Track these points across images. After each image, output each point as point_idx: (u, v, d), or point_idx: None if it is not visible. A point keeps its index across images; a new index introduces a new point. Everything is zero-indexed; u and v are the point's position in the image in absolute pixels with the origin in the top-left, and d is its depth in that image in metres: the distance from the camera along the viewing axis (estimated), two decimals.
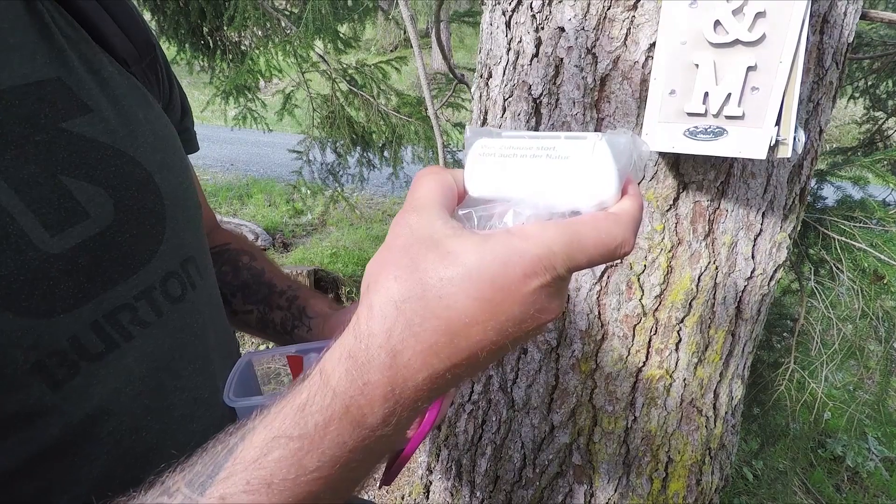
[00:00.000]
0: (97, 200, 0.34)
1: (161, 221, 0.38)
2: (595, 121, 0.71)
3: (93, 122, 0.35)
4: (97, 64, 0.38)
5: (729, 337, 0.81)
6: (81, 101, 0.35)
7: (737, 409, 0.94)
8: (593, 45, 0.68)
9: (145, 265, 0.36)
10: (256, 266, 0.57)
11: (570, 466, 0.90)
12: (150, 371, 0.36)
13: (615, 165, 0.25)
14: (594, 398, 0.85)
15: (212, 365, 0.41)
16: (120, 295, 0.34)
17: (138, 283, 0.36)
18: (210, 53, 3.02)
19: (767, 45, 0.49)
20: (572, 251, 0.23)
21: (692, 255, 0.74)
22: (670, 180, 0.70)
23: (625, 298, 0.77)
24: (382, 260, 0.24)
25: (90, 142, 0.34)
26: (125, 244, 0.35)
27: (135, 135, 0.38)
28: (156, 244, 0.37)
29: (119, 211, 0.35)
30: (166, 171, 0.40)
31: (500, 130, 0.31)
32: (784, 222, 0.76)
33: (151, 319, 0.36)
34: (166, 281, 0.38)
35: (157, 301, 0.37)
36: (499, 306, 0.23)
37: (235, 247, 0.60)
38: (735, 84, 0.51)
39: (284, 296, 0.54)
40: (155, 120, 0.41)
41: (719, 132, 0.54)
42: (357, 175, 3.03)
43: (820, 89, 0.70)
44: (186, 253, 0.40)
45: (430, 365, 0.23)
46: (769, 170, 0.71)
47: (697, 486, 0.91)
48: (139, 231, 0.36)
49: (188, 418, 0.38)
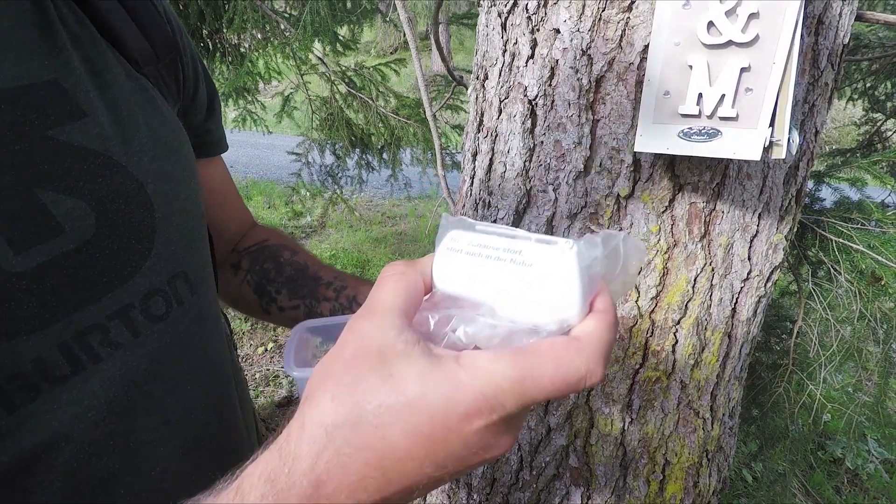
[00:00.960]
0: (76, 214, 0.32)
1: (149, 236, 0.36)
2: (590, 122, 0.71)
3: (85, 128, 0.34)
4: (101, 65, 0.36)
5: (726, 339, 0.81)
6: (76, 105, 0.34)
7: (734, 412, 0.94)
8: (588, 47, 0.68)
9: (125, 282, 0.35)
10: (299, 260, 0.56)
11: (567, 469, 0.90)
12: (117, 395, 0.34)
13: (580, 280, 0.23)
14: (591, 400, 0.85)
15: (188, 385, 0.39)
16: (93, 314, 0.33)
17: (114, 302, 0.34)
18: (209, 56, 3.02)
19: (761, 47, 0.49)
20: (525, 388, 0.21)
21: (688, 256, 0.74)
22: (666, 182, 0.70)
23: (621, 300, 0.77)
24: (326, 371, 0.23)
25: (78, 150, 0.33)
26: (104, 260, 0.33)
27: (130, 142, 0.36)
28: (140, 260, 0.36)
29: (101, 225, 0.33)
30: (162, 181, 0.38)
31: (475, 222, 0.29)
32: (780, 223, 0.76)
33: (125, 340, 0.34)
34: (149, 299, 0.36)
35: (135, 321, 0.35)
36: (438, 444, 0.21)
37: (274, 242, 0.58)
38: (729, 85, 0.51)
39: (332, 287, 0.53)
40: (159, 126, 0.40)
41: (714, 133, 0.54)
42: (356, 177, 3.03)
43: (815, 91, 0.70)
44: (177, 269, 0.39)
45: (357, 498, 0.21)
46: (765, 171, 0.71)
47: (695, 489, 0.91)
48: (122, 246, 0.35)
49: (155, 443, 0.37)
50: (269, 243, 0.59)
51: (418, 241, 3.93)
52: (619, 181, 0.72)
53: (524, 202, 0.80)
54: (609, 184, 0.72)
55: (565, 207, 0.76)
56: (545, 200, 0.78)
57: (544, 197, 0.78)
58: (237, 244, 0.60)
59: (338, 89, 2.66)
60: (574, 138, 0.72)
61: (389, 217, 4.49)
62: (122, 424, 0.34)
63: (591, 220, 0.75)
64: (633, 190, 0.71)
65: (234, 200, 0.63)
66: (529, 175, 0.78)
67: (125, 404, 0.35)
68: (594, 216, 0.75)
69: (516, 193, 0.80)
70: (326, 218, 4.10)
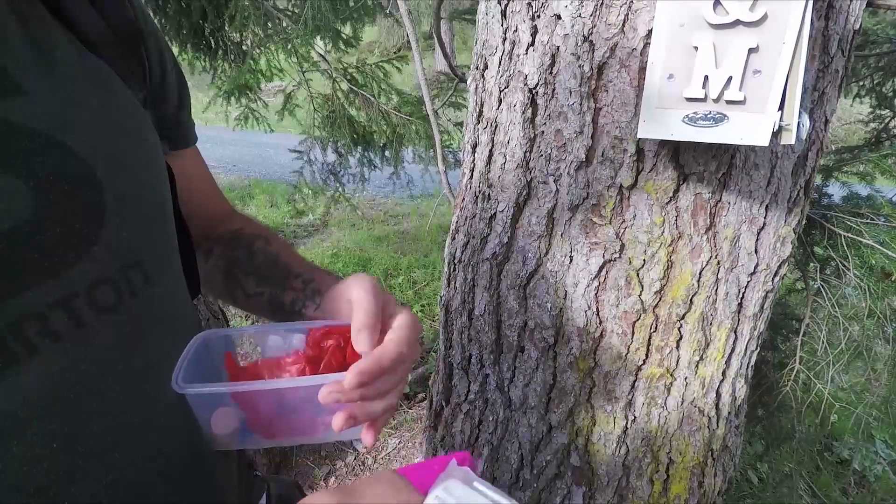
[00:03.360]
0: (10, 194, 0.30)
1: (98, 220, 0.34)
2: (592, 111, 0.69)
3: (24, 106, 0.32)
4: (48, 43, 0.35)
5: (731, 334, 0.79)
6: (15, 83, 0.32)
7: (740, 410, 0.91)
8: (590, 33, 0.66)
9: (69, 269, 0.32)
10: (271, 250, 0.55)
11: (569, 468, 0.88)
12: (56, 392, 0.31)
13: None
14: (593, 397, 0.83)
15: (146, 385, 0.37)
16: (30, 302, 0.30)
17: (55, 290, 0.32)
18: (212, 54, 3.02)
19: (769, 26, 0.47)
20: None
21: (693, 249, 0.72)
22: (670, 171, 0.68)
23: (623, 294, 0.75)
24: None
25: (15, 128, 0.31)
26: (44, 244, 0.31)
27: (77, 122, 0.34)
28: (87, 245, 0.33)
29: (42, 207, 0.31)
30: (115, 163, 0.36)
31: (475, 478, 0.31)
32: (788, 216, 0.74)
33: (66, 331, 0.32)
34: (95, 287, 0.34)
35: (79, 310, 0.33)
36: None
37: (249, 231, 0.57)
38: (736, 67, 0.49)
39: (300, 278, 0.51)
40: (114, 108, 0.38)
41: (720, 118, 0.52)
42: (358, 175, 3.02)
43: (826, 78, 0.68)
44: (130, 257, 0.36)
45: None
46: (772, 161, 0.69)
47: (700, 489, 0.89)
48: (65, 230, 0.32)
49: (109, 448, 0.34)
50: (244, 232, 0.57)
51: (420, 240, 3.91)
52: (621, 171, 0.70)
53: (524, 194, 0.78)
54: (612, 174, 0.70)
55: (566, 199, 0.74)
56: (546, 192, 0.76)
57: (545, 188, 0.76)
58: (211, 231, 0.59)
59: (340, 86, 2.64)
60: (575, 127, 0.70)
61: (392, 216, 4.47)
62: (67, 426, 0.32)
63: (592, 211, 0.73)
64: (637, 180, 0.69)
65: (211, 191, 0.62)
66: (530, 166, 0.76)
67: (68, 403, 0.32)
68: (596, 208, 0.73)
69: (516, 185, 0.78)
70: (329, 217, 4.09)
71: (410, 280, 3.35)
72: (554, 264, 0.78)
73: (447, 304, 0.98)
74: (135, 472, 0.36)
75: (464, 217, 0.91)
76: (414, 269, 3.46)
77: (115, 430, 0.34)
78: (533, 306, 0.82)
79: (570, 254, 0.76)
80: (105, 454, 0.34)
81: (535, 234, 0.78)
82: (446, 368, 1.02)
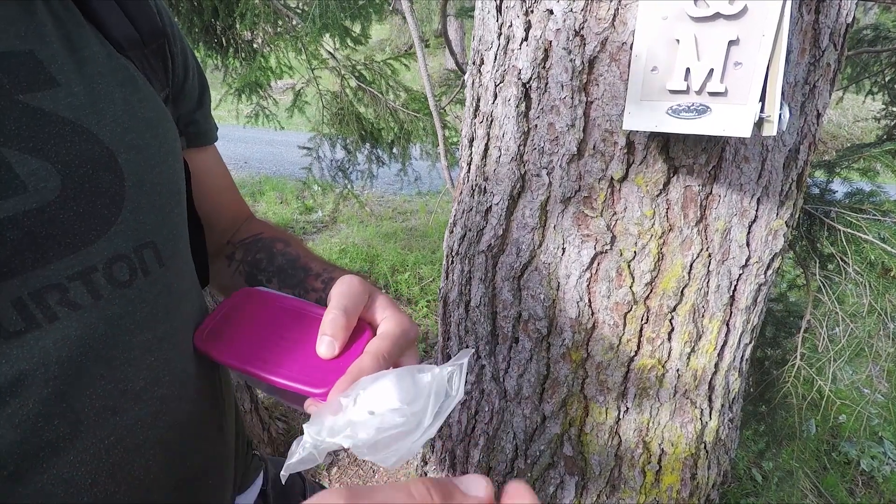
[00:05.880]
0: (40, 175, 0.33)
1: (117, 203, 0.37)
2: (584, 104, 0.70)
3: (57, 96, 0.35)
4: (81, 43, 0.38)
5: (724, 327, 0.80)
6: (50, 76, 0.35)
7: (735, 403, 0.92)
8: (581, 27, 0.67)
9: (89, 245, 0.35)
10: (291, 251, 0.57)
11: (562, 458, 0.89)
12: (71, 356, 0.34)
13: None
14: (585, 388, 0.84)
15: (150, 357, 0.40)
16: (52, 273, 0.33)
17: (76, 263, 0.35)
18: (223, 52, 3.06)
19: (749, 18, 0.48)
20: None
21: (683, 241, 0.73)
22: (660, 164, 0.69)
23: (615, 286, 0.76)
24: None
25: (48, 116, 0.34)
26: (68, 222, 0.34)
27: (103, 113, 0.37)
28: (106, 225, 0.36)
29: (67, 188, 0.34)
30: (135, 152, 0.39)
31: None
32: (780, 209, 0.74)
33: (84, 302, 0.35)
34: (112, 264, 0.37)
35: (97, 283, 0.36)
36: None
37: (269, 235, 0.60)
38: (717, 59, 0.50)
39: (320, 278, 0.53)
40: (137, 102, 0.41)
41: (703, 110, 0.52)
42: (366, 171, 3.04)
43: (817, 71, 0.68)
44: (145, 238, 0.39)
45: None
46: (763, 154, 0.69)
47: (692, 481, 0.89)
48: (87, 210, 0.35)
49: (110, 410, 0.37)
50: (264, 236, 0.60)
51: (427, 237, 3.92)
52: (612, 164, 0.71)
53: (518, 187, 0.79)
54: (603, 167, 0.71)
55: (559, 192, 0.75)
56: (539, 185, 0.77)
57: (538, 181, 0.77)
58: (232, 236, 0.61)
59: (348, 84, 2.67)
60: (567, 121, 0.71)
61: (400, 213, 4.50)
62: (75, 388, 0.35)
63: (584, 204, 0.74)
64: (627, 173, 0.70)
65: (227, 192, 0.64)
66: (524, 159, 0.78)
67: (79, 367, 0.35)
68: (588, 200, 0.74)
69: (511, 178, 0.79)
70: (338, 213, 4.12)
71: (417, 276, 3.37)
72: (547, 256, 0.79)
73: (445, 296, 1.00)
74: (132, 437, 0.38)
75: (461, 210, 0.92)
76: (420, 266, 3.48)
77: (115, 395, 0.37)
78: (527, 298, 0.83)
79: (562, 245, 0.77)
80: (105, 417, 0.37)
81: (528, 227, 0.79)
82: (444, 360, 1.04)
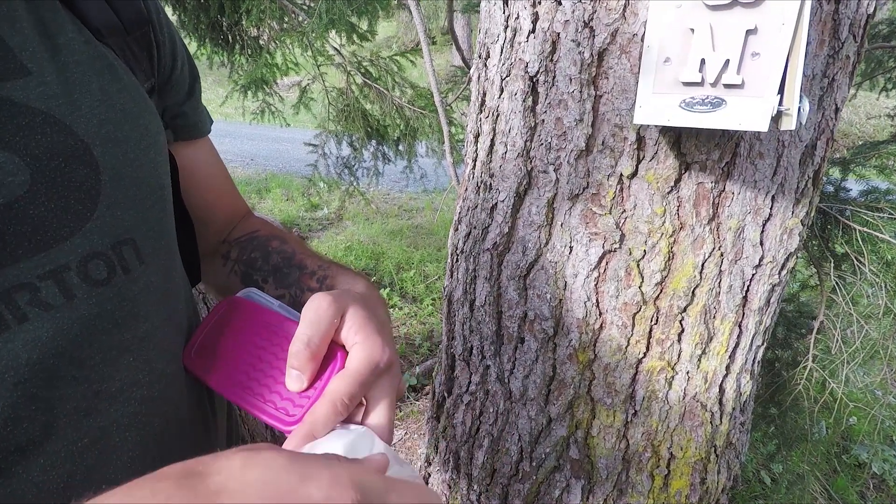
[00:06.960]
0: (7, 168, 0.31)
1: (93, 197, 0.35)
2: (592, 98, 0.68)
3: (28, 86, 0.33)
4: (55, 29, 0.36)
5: (736, 328, 0.77)
6: (20, 64, 0.33)
7: (746, 406, 0.89)
8: (590, 18, 0.65)
9: (62, 242, 0.34)
10: (286, 249, 0.55)
11: (568, 461, 0.87)
12: (42, 357, 0.33)
13: None
14: (592, 390, 0.82)
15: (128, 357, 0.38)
16: (22, 272, 0.32)
17: (48, 262, 0.33)
18: (229, 48, 3.05)
19: (768, 6, 0.45)
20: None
21: (695, 240, 0.70)
22: (671, 160, 0.66)
23: (623, 285, 0.74)
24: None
25: (17, 106, 0.32)
26: (38, 218, 0.32)
27: (78, 103, 0.35)
28: (81, 221, 0.35)
29: (37, 182, 0.32)
30: (112, 145, 0.37)
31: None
32: (796, 207, 0.72)
33: (57, 302, 0.33)
34: (88, 262, 0.35)
35: (69, 282, 0.34)
36: None
37: (265, 232, 0.58)
38: (734, 49, 0.48)
39: (315, 276, 0.52)
40: (116, 92, 0.39)
41: (717, 103, 0.50)
42: (372, 168, 3.03)
43: (836, 64, 0.66)
44: (123, 234, 0.37)
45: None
46: (779, 150, 0.67)
47: (702, 486, 0.87)
48: (60, 206, 0.33)
49: (83, 412, 0.35)
50: (260, 233, 0.58)
51: (433, 234, 3.91)
52: (622, 160, 0.68)
53: (525, 184, 0.77)
54: (612, 163, 0.69)
55: (566, 188, 0.73)
56: (546, 181, 0.75)
57: (545, 178, 0.75)
58: (228, 234, 0.60)
59: (354, 80, 2.65)
60: (576, 115, 0.69)
61: (406, 210, 4.48)
62: (46, 390, 0.33)
63: (592, 201, 0.72)
64: (637, 169, 0.68)
65: (222, 188, 0.62)
66: (530, 155, 0.76)
67: (50, 369, 0.33)
68: (596, 197, 0.72)
69: (517, 174, 0.77)
70: (343, 210, 4.12)
71: (422, 274, 3.35)
72: (554, 255, 0.77)
73: (450, 294, 0.98)
74: (108, 439, 0.37)
75: (466, 207, 0.90)
76: (426, 263, 3.46)
77: (90, 397, 0.36)
78: (532, 297, 0.81)
79: (569, 244, 0.75)
80: (79, 419, 0.35)
81: (535, 224, 0.78)
82: (448, 360, 1.02)
